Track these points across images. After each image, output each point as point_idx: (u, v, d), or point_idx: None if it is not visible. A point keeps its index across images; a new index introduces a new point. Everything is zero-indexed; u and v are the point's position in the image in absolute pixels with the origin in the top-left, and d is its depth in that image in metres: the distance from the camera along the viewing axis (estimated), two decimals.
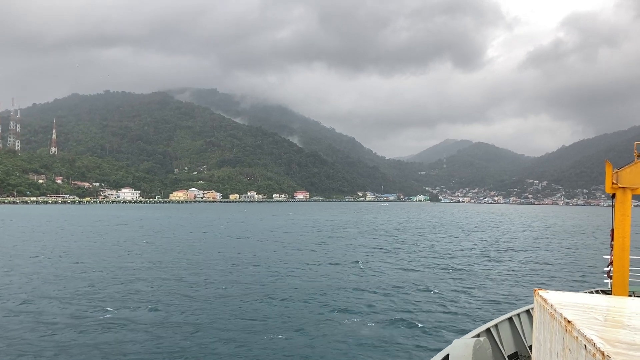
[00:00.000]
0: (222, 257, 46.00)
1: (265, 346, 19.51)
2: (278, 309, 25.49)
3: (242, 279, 34.49)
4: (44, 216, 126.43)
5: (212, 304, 26.30)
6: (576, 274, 40.30)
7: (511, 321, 13.48)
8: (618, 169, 13.93)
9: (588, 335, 4.01)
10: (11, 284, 31.63)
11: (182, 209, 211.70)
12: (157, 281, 32.78)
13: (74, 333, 20.52)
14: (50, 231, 77.29)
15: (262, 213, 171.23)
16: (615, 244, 13.94)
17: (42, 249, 51.33)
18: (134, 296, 28.01)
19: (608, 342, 3.85)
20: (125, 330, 21.11)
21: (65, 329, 21.15)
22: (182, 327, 21.84)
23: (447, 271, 40.46)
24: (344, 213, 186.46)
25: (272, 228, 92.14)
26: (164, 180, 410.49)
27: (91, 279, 33.51)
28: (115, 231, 78.57)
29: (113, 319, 22.87)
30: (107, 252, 49.44)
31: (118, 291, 29.24)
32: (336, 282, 33.60)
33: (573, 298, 5.99)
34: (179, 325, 21.99)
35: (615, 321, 4.86)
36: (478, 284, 34.03)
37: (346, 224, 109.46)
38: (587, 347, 3.93)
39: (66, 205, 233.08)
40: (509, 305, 25.88)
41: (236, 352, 18.81)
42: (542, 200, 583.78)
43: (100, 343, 19.52)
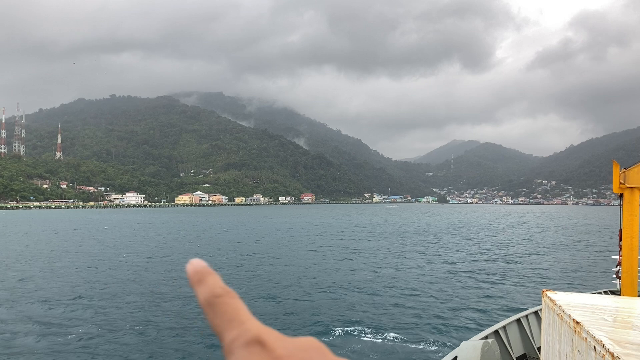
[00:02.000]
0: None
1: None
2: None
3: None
4: (27, 221, 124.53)
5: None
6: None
7: (519, 323, 13.50)
8: (625, 169, 13.67)
9: (597, 336, 4.00)
10: None
11: (186, 212, 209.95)
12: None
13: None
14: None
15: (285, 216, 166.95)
16: (624, 244, 13.74)
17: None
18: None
19: (617, 343, 3.83)
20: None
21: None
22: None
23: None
24: (371, 215, 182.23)
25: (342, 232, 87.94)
26: (170, 184, 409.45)
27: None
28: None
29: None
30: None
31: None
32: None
33: (581, 299, 5.99)
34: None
35: (624, 322, 4.85)
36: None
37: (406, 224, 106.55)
38: (596, 348, 3.92)
39: (68, 210, 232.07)
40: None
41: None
42: (551, 200, 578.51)
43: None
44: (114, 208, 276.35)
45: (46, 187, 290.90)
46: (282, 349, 0.52)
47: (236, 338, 0.53)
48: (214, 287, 0.57)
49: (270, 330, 0.62)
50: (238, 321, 0.54)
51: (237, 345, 0.52)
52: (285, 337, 0.61)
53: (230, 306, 0.55)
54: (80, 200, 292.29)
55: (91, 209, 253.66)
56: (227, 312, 0.55)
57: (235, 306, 0.56)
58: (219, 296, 0.56)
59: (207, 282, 0.57)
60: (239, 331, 0.53)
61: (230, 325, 0.54)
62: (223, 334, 0.54)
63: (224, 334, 0.54)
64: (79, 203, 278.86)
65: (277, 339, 0.61)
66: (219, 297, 0.56)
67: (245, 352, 0.51)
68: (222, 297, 0.56)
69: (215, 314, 0.55)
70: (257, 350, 0.51)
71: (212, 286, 0.57)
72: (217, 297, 0.56)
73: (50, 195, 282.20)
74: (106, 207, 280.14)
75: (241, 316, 0.55)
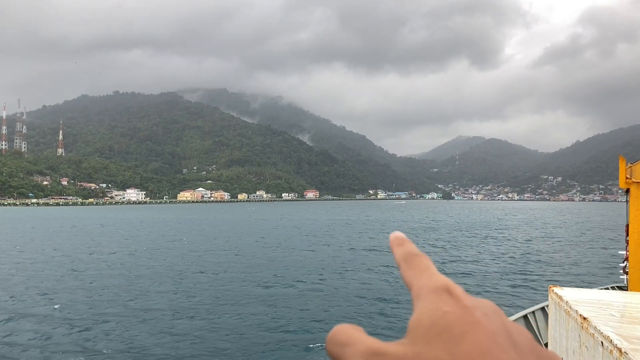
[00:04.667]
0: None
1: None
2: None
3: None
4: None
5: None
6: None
7: (526, 319, 13.45)
8: (632, 164, 13.52)
9: (605, 332, 3.98)
10: None
11: (187, 209, 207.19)
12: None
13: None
14: None
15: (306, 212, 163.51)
16: (631, 239, 13.54)
17: None
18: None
19: (625, 338, 3.81)
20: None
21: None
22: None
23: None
24: (388, 212, 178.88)
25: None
26: (172, 180, 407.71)
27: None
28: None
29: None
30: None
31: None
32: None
33: (588, 295, 6.00)
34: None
35: (632, 317, 4.87)
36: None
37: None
38: (604, 344, 3.90)
39: (66, 207, 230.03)
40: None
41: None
42: (557, 197, 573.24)
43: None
44: (113, 205, 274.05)
45: (46, 183, 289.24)
46: (469, 300, 0.56)
47: (425, 284, 0.58)
48: (411, 249, 0.65)
49: (457, 285, 0.68)
50: (428, 273, 0.60)
51: (426, 290, 0.57)
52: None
53: (423, 263, 0.62)
54: (81, 197, 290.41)
55: (90, 206, 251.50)
56: (419, 266, 0.61)
57: (427, 263, 0.62)
58: (415, 255, 0.64)
59: (405, 245, 0.66)
60: (429, 279, 0.59)
61: (421, 275, 0.60)
62: (413, 282, 0.60)
63: (414, 282, 0.60)
64: (77, 200, 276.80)
65: (462, 291, 0.66)
66: (414, 255, 0.63)
67: (433, 296, 0.56)
68: (417, 255, 0.64)
69: (409, 267, 0.62)
70: (446, 297, 0.55)
71: (409, 248, 0.65)
72: (413, 255, 0.64)
73: (50, 192, 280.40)
74: (106, 204, 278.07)
75: (431, 269, 0.61)
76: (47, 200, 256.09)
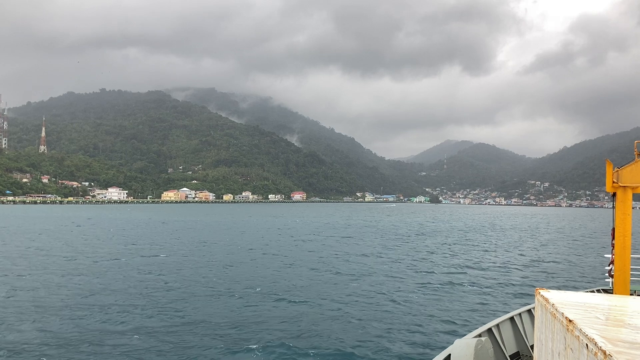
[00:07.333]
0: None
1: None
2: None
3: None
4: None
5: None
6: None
7: (512, 321, 13.51)
8: (619, 168, 14.08)
9: (590, 334, 4.00)
10: None
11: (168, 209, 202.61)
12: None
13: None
14: None
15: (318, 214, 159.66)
16: (617, 243, 13.92)
17: None
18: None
19: (610, 341, 3.85)
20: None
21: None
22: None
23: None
24: (385, 214, 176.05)
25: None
26: (157, 180, 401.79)
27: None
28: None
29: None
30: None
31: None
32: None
33: (574, 297, 6.06)
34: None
35: (616, 320, 4.90)
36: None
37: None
38: (588, 346, 3.92)
39: (43, 206, 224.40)
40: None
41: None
42: (544, 202, 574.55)
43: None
44: (93, 204, 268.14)
45: (26, 181, 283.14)
46: None
47: None
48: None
49: None
50: None
51: None
52: None
53: None
54: (62, 195, 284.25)
55: (68, 205, 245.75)
56: None
57: None
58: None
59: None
60: None
61: None
62: None
63: None
64: (56, 198, 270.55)
65: None
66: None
67: None
68: None
69: None
70: None
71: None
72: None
73: (30, 189, 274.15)
74: (85, 203, 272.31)
75: None
76: (24, 199, 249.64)
